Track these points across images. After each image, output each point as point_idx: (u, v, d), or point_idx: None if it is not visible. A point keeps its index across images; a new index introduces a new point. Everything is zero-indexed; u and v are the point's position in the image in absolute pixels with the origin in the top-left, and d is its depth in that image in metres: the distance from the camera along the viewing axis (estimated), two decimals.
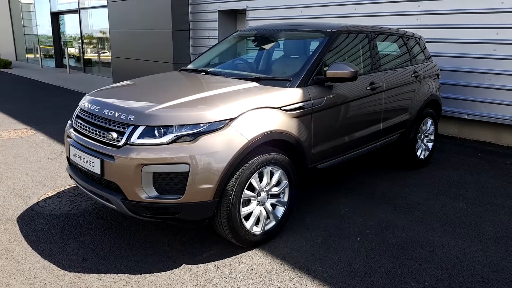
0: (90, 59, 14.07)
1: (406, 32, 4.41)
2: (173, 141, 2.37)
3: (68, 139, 2.90)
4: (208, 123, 2.43)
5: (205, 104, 2.55)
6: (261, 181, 2.68)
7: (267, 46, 3.81)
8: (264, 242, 2.79)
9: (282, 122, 2.71)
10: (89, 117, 2.75)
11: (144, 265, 2.55)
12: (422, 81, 4.25)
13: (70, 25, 15.18)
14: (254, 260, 2.62)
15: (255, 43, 3.87)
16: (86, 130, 2.71)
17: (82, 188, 2.81)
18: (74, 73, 14.03)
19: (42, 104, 8.18)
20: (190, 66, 3.75)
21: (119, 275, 2.45)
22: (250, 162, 2.52)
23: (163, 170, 2.37)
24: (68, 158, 2.97)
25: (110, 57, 11.60)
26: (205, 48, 7.46)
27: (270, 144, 2.69)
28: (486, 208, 3.48)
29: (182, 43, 9.16)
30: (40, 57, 16.02)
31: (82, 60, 14.26)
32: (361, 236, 2.95)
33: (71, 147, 2.82)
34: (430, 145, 4.59)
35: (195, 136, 2.39)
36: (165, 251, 2.71)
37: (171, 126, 2.41)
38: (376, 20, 6.11)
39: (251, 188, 2.64)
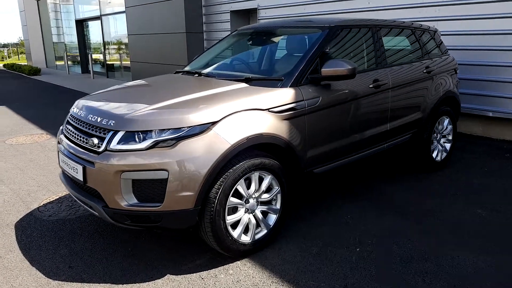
0: (112, 64, 14.42)
1: (421, 25, 4.13)
2: (151, 146, 2.27)
3: (58, 145, 2.87)
4: (189, 127, 2.31)
5: (187, 107, 2.44)
6: (249, 187, 2.53)
7: (262, 45, 3.66)
8: (254, 251, 2.64)
9: (270, 125, 2.54)
10: (76, 122, 2.71)
11: (128, 275, 2.47)
12: (436, 77, 3.95)
13: (93, 32, 15.63)
14: (242, 272, 2.47)
15: (250, 42, 3.73)
16: (72, 136, 2.67)
17: (71, 195, 2.77)
18: (97, 78, 14.41)
19: (62, 109, 8.39)
20: (186, 68, 3.66)
21: (101, 284, 2.38)
22: (234, 167, 2.38)
23: (142, 177, 2.27)
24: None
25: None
26: None
27: (257, 148, 2.54)
28: (507, 217, 3.15)
29: (196, 45, 9.15)
30: (67, 64, 16.59)
31: (105, 66, 14.63)
32: (361, 246, 2.73)
33: (59, 153, 2.79)
34: (448, 145, 4.27)
35: (175, 141, 2.28)
36: (151, 259, 2.62)
37: (151, 131, 2.31)
38: (392, 14, 5.81)
39: (239, 195, 2.50)
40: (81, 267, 2.56)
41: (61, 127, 3.04)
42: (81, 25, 16.18)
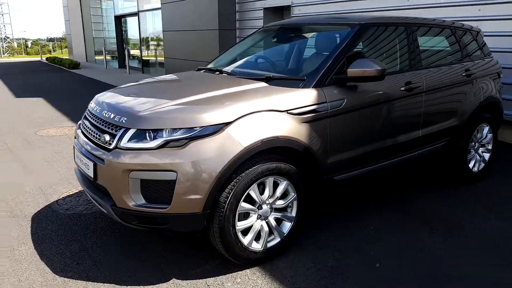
0: (148, 60, 14.69)
1: (463, 25, 3.80)
2: (161, 146, 2.18)
3: (75, 140, 2.86)
4: (202, 127, 2.20)
5: (200, 107, 2.33)
6: (262, 193, 2.39)
7: (288, 42, 3.49)
8: (266, 260, 2.49)
9: (288, 128, 2.38)
10: (91, 118, 2.68)
11: (133, 276, 2.40)
12: (476, 81, 3.62)
13: (131, 28, 16.00)
14: (250, 281, 2.33)
15: (276, 39, 3.56)
16: (87, 131, 2.63)
17: (85, 191, 2.74)
18: (133, 73, 14.71)
19: None
20: (209, 66, 3.56)
21: (105, 284, 2.32)
22: (247, 171, 2.24)
23: (150, 177, 2.19)
24: None
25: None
26: None
27: (273, 152, 2.38)
28: None
29: (229, 42, 9.08)
30: (105, 59, 17.10)
31: (141, 61, 14.93)
32: (383, 262, 2.52)
33: (75, 149, 2.77)
34: (487, 155, 3.92)
35: (186, 141, 2.17)
36: (158, 262, 2.54)
37: (162, 129, 2.22)
38: (431, 12, 5.45)
39: (251, 200, 2.36)
40: (88, 264, 2.52)
41: (79, 122, 3.03)
42: (119, 20, 16.62)
